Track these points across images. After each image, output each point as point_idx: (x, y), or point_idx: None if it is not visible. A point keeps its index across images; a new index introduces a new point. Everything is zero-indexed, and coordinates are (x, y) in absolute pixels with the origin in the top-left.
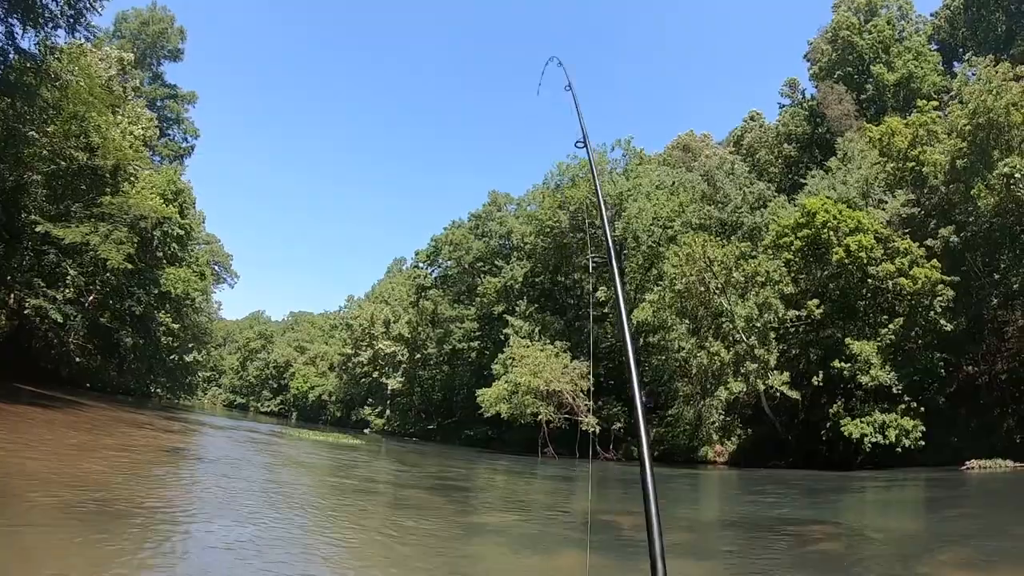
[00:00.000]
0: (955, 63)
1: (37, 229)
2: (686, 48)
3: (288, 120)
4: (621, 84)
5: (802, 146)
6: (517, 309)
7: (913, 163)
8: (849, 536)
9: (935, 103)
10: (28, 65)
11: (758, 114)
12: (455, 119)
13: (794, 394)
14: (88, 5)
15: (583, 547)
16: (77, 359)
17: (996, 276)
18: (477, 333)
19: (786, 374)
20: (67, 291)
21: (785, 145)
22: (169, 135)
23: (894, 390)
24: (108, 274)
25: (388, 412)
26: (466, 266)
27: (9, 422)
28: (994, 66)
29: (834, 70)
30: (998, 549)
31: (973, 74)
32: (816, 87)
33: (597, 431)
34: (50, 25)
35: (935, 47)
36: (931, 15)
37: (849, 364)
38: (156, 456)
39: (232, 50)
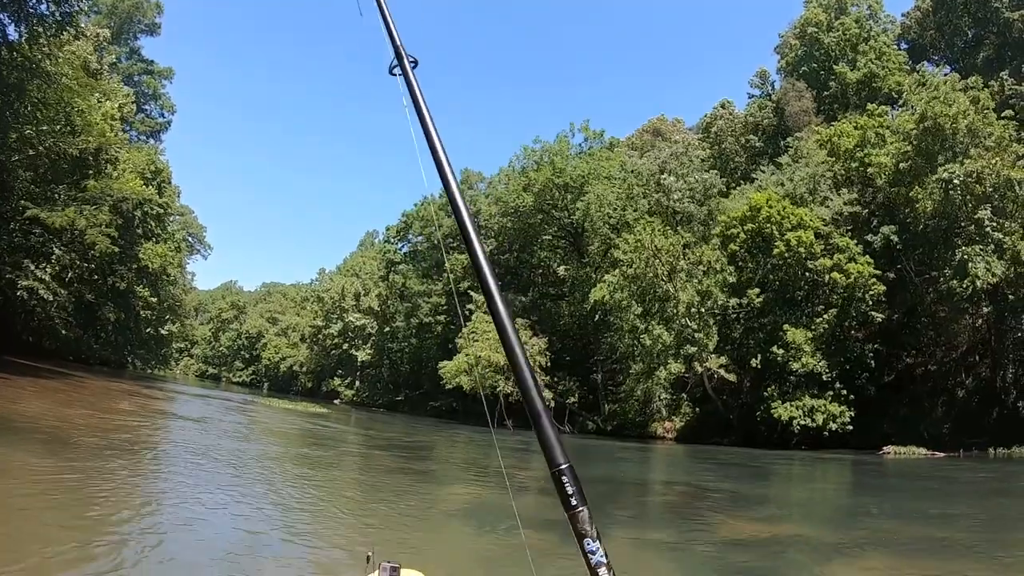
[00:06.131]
0: (927, 63)
1: (26, 215)
2: (668, 30)
3: (264, 90)
4: (601, 65)
5: (768, 137)
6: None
7: (857, 164)
8: (695, 495)
9: (885, 108)
10: (20, 62)
11: (728, 102)
12: (435, 94)
13: (731, 376)
14: (78, 8)
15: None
16: (63, 332)
17: (934, 273)
18: (444, 307)
19: (724, 357)
20: (52, 268)
21: (751, 136)
22: (146, 110)
23: (824, 377)
24: (92, 251)
25: (358, 383)
26: (435, 242)
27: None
28: (944, 76)
29: (800, 65)
30: (799, 512)
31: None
32: (783, 80)
33: (552, 405)
34: (41, 27)
35: (905, 46)
36: (902, 15)
37: (783, 351)
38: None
39: (208, 21)
